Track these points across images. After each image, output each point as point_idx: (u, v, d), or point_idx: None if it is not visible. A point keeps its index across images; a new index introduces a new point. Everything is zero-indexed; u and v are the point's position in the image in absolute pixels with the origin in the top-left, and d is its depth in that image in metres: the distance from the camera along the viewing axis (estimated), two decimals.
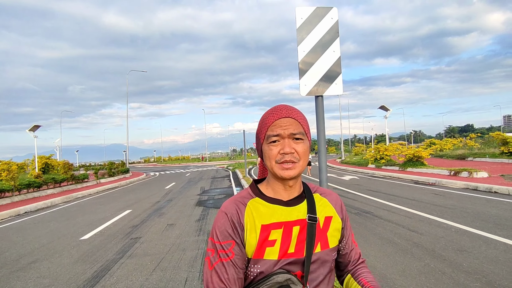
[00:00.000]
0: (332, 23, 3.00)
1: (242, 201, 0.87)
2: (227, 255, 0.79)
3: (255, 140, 0.92)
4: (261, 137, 0.86)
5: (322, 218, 0.87)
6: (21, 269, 4.28)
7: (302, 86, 2.99)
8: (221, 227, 0.82)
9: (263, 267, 0.80)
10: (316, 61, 2.99)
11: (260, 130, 0.87)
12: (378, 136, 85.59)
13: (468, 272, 3.34)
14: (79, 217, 8.13)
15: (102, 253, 4.74)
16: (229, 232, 0.81)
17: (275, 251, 0.80)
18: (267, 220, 0.83)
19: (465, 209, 6.42)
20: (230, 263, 0.79)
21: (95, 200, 11.61)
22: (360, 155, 31.20)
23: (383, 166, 18.34)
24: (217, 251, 0.80)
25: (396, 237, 4.74)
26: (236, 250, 0.80)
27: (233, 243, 0.80)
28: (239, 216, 0.83)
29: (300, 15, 2.98)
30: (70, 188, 15.33)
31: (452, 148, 27.40)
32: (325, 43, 2.99)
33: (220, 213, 0.84)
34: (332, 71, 2.99)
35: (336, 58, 2.99)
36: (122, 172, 23.64)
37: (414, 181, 12.07)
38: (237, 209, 0.84)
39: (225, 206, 0.86)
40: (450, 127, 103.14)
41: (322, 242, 0.85)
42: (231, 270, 0.78)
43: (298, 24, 2.98)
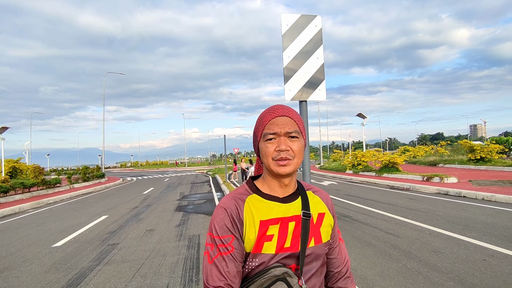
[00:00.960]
0: (316, 30, 3.09)
1: (241, 197, 0.88)
2: (226, 249, 0.81)
3: (252, 138, 0.95)
4: (258, 135, 0.89)
5: (315, 214, 0.92)
6: None
7: (287, 91, 3.05)
8: (221, 222, 0.83)
9: (261, 260, 0.83)
10: (300, 67, 3.07)
11: (257, 128, 0.90)
12: (355, 143, 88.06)
13: (442, 272, 3.51)
14: (51, 223, 7.73)
15: (77, 260, 4.53)
16: (228, 227, 0.82)
17: (273, 246, 0.83)
18: (265, 216, 0.86)
19: (438, 213, 6.73)
20: (230, 257, 0.80)
21: (69, 206, 11.08)
22: (338, 161, 31.93)
23: (360, 172, 18.87)
24: (217, 245, 0.81)
25: (375, 240, 4.89)
26: (235, 245, 0.82)
27: (233, 237, 0.82)
28: (239, 212, 0.85)
29: (285, 21, 3.06)
30: (41, 194, 14.54)
31: (424, 155, 28.70)
32: (309, 50, 3.08)
33: (219, 209, 0.86)
34: (316, 78, 3.08)
35: (319, 64, 3.08)
36: (97, 177, 22.76)
37: (390, 186, 12.50)
38: (236, 205, 0.86)
39: (224, 202, 0.87)
40: (422, 135, 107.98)
41: (315, 237, 0.89)
42: (231, 264, 0.80)
43: (284, 31, 3.05)
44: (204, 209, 8.82)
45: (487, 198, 8.11)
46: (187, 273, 3.82)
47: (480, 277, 3.32)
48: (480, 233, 4.99)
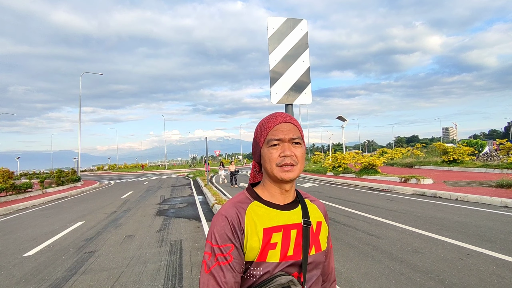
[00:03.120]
0: (302, 34, 3.10)
1: (242, 205, 0.87)
2: (225, 259, 0.79)
3: (252, 144, 0.94)
4: (261, 141, 0.89)
5: (314, 222, 0.92)
6: None
7: (273, 94, 3.03)
8: (221, 230, 0.81)
9: (266, 269, 0.82)
10: (286, 71, 3.07)
11: (259, 135, 0.90)
12: (335, 145, 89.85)
13: (423, 272, 3.60)
14: (21, 231, 7.29)
15: (50, 271, 4.28)
16: (228, 236, 0.81)
17: (277, 254, 0.82)
18: (268, 223, 0.84)
19: (415, 213, 6.95)
20: (228, 267, 0.78)
21: (41, 212, 10.51)
22: (319, 163, 32.42)
23: (340, 174, 19.23)
24: (215, 254, 0.79)
25: (357, 242, 4.96)
26: (234, 254, 0.80)
27: (232, 246, 0.80)
28: (240, 220, 0.83)
29: (271, 24, 3.05)
30: (10, 199, 13.72)
31: (401, 156, 29.69)
32: (295, 53, 3.08)
33: (220, 216, 0.84)
34: (302, 81, 3.08)
35: (305, 68, 3.09)
36: (73, 181, 21.82)
37: (370, 188, 12.80)
38: (237, 213, 0.84)
39: (225, 210, 0.85)
40: (398, 137, 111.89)
41: (316, 245, 0.89)
42: (229, 274, 0.78)
43: (270, 34, 3.04)
44: (185, 213, 8.64)
45: (460, 198, 8.48)
46: (169, 280, 3.70)
47: (458, 276, 3.43)
48: (456, 232, 5.19)
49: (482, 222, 5.79)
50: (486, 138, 76.09)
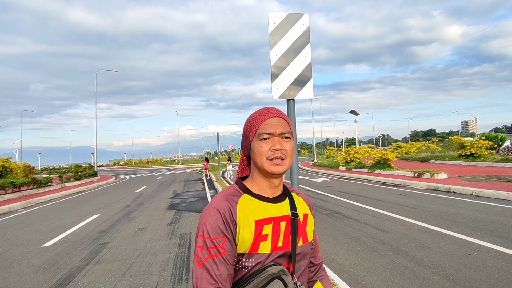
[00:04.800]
0: (303, 29, 3.10)
1: (233, 197, 0.88)
2: (218, 252, 0.79)
3: (242, 138, 0.95)
4: (251, 134, 0.89)
5: (301, 214, 0.95)
6: None
7: (274, 90, 3.06)
8: (213, 223, 0.81)
9: (258, 260, 0.83)
10: (288, 66, 3.08)
11: (249, 128, 0.90)
12: (349, 140, 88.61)
13: (428, 267, 3.57)
14: (41, 223, 7.65)
15: (66, 260, 4.50)
16: (221, 229, 0.81)
17: (268, 245, 0.85)
18: (259, 215, 0.86)
19: (427, 208, 6.84)
20: (222, 260, 0.78)
21: (60, 205, 10.97)
22: (332, 158, 32.14)
23: (353, 169, 19.03)
24: (208, 247, 0.79)
25: (364, 236, 4.95)
26: (227, 247, 0.80)
27: (225, 239, 0.80)
28: (232, 213, 0.84)
29: (273, 20, 3.06)
30: (31, 193, 14.35)
31: (416, 151, 29.03)
32: (296, 48, 3.09)
33: (212, 210, 0.83)
34: (303, 76, 3.09)
35: (307, 63, 3.10)
36: (90, 176, 22.54)
37: (382, 183, 12.64)
38: (229, 206, 0.84)
39: (216, 203, 0.85)
40: (414, 131, 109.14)
41: (303, 236, 0.92)
42: (222, 267, 0.78)
43: (271, 29, 3.06)
44: (196, 207, 8.82)
45: (476, 193, 8.26)
46: (177, 271, 3.83)
47: (464, 271, 3.40)
48: (467, 228, 5.09)
49: (496, 217, 5.65)
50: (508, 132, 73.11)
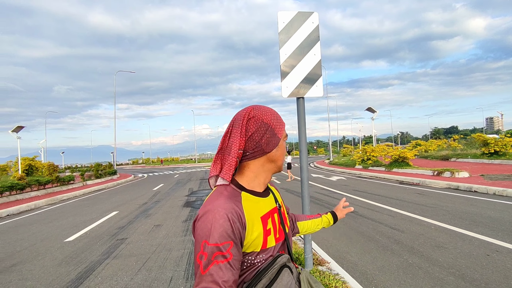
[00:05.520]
0: (313, 27, 3.10)
1: (236, 198, 0.86)
2: (224, 257, 0.75)
3: (265, 133, 0.91)
4: (280, 133, 0.95)
5: (281, 203, 1.04)
6: (2, 271, 4.21)
7: (284, 88, 3.08)
8: (219, 228, 0.76)
9: (268, 254, 0.88)
10: (297, 64, 3.10)
11: (278, 126, 0.94)
12: (366, 138, 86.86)
13: (443, 267, 3.49)
14: (64, 219, 8.01)
15: (87, 255, 4.71)
16: (228, 233, 0.77)
17: (272, 238, 0.89)
18: (262, 211, 0.89)
19: (445, 208, 6.64)
20: (228, 265, 0.75)
21: (81, 202, 11.42)
22: (348, 156, 31.65)
23: (370, 167, 18.68)
24: (213, 253, 0.75)
25: (378, 235, 4.88)
26: (234, 251, 0.77)
27: (232, 243, 0.77)
28: (240, 215, 0.81)
29: (282, 19, 3.08)
30: (55, 190, 15.01)
31: (436, 149, 28.12)
32: (306, 46, 3.10)
33: (217, 213, 0.78)
34: (313, 74, 3.10)
35: (316, 61, 3.10)
36: (110, 174, 23.28)
37: (399, 181, 12.35)
38: (235, 208, 0.82)
39: (221, 205, 0.81)
40: (435, 129, 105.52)
41: (286, 222, 1.00)
42: (229, 273, 0.75)
43: (280, 28, 3.08)
44: None
45: (499, 192, 7.94)
46: (190, 267, 3.93)
47: (481, 271, 3.30)
48: (487, 228, 4.92)
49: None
50: None
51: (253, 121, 0.90)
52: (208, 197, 0.87)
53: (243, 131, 0.89)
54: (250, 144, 0.89)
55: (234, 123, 0.91)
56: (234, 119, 0.92)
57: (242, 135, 0.88)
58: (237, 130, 0.89)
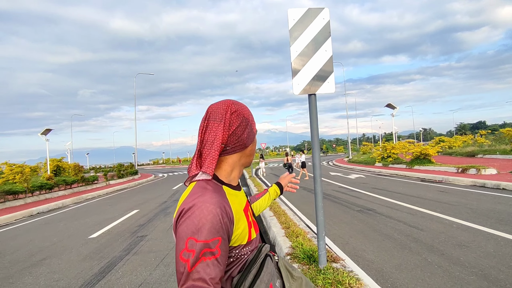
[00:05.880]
0: (323, 23, 3.08)
1: (220, 192, 0.84)
2: (212, 254, 0.73)
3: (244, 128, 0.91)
4: (255, 128, 0.99)
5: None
6: (33, 265, 4.48)
7: (295, 85, 3.08)
8: (208, 224, 0.74)
9: (254, 245, 0.91)
10: (308, 61, 3.09)
11: (254, 122, 0.98)
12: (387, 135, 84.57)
13: (465, 266, 3.37)
14: (88, 217, 8.37)
15: (109, 251, 4.91)
16: (217, 229, 0.74)
17: (253, 230, 0.92)
18: (242, 204, 0.90)
19: (470, 206, 6.38)
20: (216, 262, 0.73)
21: (104, 201, 11.89)
22: (368, 154, 30.97)
23: (390, 165, 18.21)
24: (201, 250, 0.72)
25: (396, 233, 4.77)
26: (222, 247, 0.75)
27: (220, 239, 0.75)
28: (227, 209, 0.80)
29: (292, 16, 3.08)
30: (80, 190, 15.70)
31: (461, 145, 26.98)
32: (317, 43, 3.08)
33: (205, 208, 0.76)
34: (324, 70, 3.08)
35: (328, 57, 3.08)
36: (131, 174, 24.04)
37: (421, 179, 11.97)
38: (223, 202, 0.80)
39: (209, 201, 0.77)
40: (461, 124, 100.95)
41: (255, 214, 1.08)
42: (216, 270, 0.73)
43: (291, 25, 3.08)
44: None
45: None
46: None
47: (507, 272, 3.16)
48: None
49: None
50: None
51: (236, 115, 0.89)
52: (190, 192, 0.82)
53: (226, 125, 0.87)
54: (232, 139, 0.88)
55: (210, 117, 0.88)
56: (210, 112, 0.89)
57: (225, 129, 0.86)
58: (218, 124, 0.86)
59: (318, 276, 2.74)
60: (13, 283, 3.85)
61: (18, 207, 10.67)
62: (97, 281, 3.65)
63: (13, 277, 4.07)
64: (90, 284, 3.58)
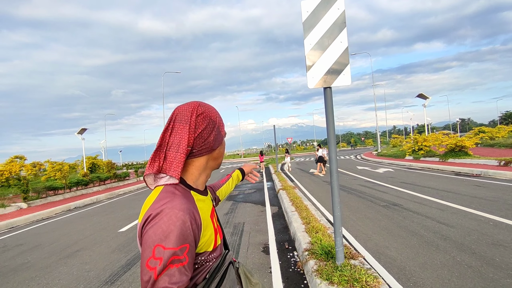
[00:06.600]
0: (338, 13, 2.97)
1: (189, 197, 0.82)
2: (180, 261, 0.71)
3: (212, 130, 0.89)
4: (223, 131, 0.96)
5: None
6: (68, 256, 4.81)
7: (309, 79, 3.01)
8: (176, 230, 0.72)
9: (218, 252, 0.90)
10: (323, 53, 3.00)
11: (222, 124, 0.95)
12: (420, 126, 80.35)
13: (501, 268, 3.13)
14: (119, 211, 8.83)
15: (135, 244, 5.14)
16: (185, 236, 0.73)
17: (218, 236, 0.91)
18: (209, 210, 0.89)
19: (510, 201, 5.92)
20: (183, 269, 0.71)
21: (134, 196, 12.46)
22: (398, 147, 29.69)
23: (421, 158, 17.33)
24: (169, 258, 0.70)
25: (423, 230, 4.54)
26: (190, 254, 0.74)
27: (188, 246, 0.73)
28: (195, 215, 0.78)
29: (305, 8, 3.00)
30: (113, 186, 16.57)
31: (506, 136, 24.97)
32: (331, 35, 2.98)
33: (174, 215, 0.73)
34: (340, 62, 2.97)
35: (343, 48, 2.97)
36: None
37: (456, 173, 11.28)
38: (191, 208, 0.78)
39: (177, 207, 0.75)
40: (507, 113, 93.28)
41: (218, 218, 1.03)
42: (183, 277, 0.71)
43: (304, 18, 3.00)
44: (252, 198, 9.13)
45: None
46: None
47: None
48: None
49: None
50: None
51: (202, 117, 0.87)
52: (157, 196, 0.79)
53: (192, 128, 0.84)
54: (198, 141, 0.86)
55: (176, 118, 0.86)
56: (176, 113, 0.87)
57: (191, 131, 0.84)
58: (183, 126, 0.84)
59: (334, 273, 2.68)
60: (50, 272, 4.16)
61: (58, 202, 11.50)
62: (123, 273, 3.84)
63: (50, 266, 4.40)
64: (117, 275, 3.77)
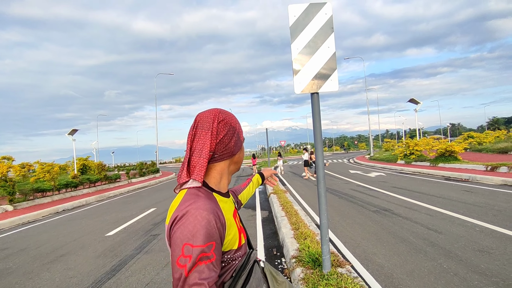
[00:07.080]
0: (326, 18, 2.96)
1: (212, 199, 0.86)
2: (208, 258, 0.75)
3: (232, 136, 0.94)
4: (242, 136, 1.01)
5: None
6: (52, 261, 4.69)
7: (296, 84, 2.99)
8: (203, 229, 0.76)
9: (243, 250, 0.94)
10: (310, 58, 2.98)
11: (241, 130, 1.01)
12: (412, 131, 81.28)
13: (485, 275, 3.14)
14: (108, 215, 8.67)
15: (122, 249, 5.04)
16: (211, 234, 0.77)
17: (242, 235, 0.95)
18: (231, 211, 0.94)
19: (497, 207, 5.97)
20: (211, 266, 0.76)
21: (125, 199, 12.28)
22: (390, 151, 29.94)
23: (413, 162, 17.49)
24: (198, 255, 0.74)
25: (412, 236, 4.54)
26: (217, 252, 0.78)
27: (214, 244, 0.78)
28: (220, 215, 0.83)
29: (292, 13, 2.98)
30: (103, 188, 16.32)
31: (493, 141, 25.38)
32: (319, 40, 2.97)
33: (199, 214, 0.78)
34: (327, 68, 2.96)
35: (330, 54, 2.95)
36: (153, 172, 24.69)
37: (445, 177, 11.40)
38: (215, 208, 0.83)
39: (202, 207, 0.80)
40: (494, 119, 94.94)
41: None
42: (212, 273, 0.75)
43: (291, 22, 2.98)
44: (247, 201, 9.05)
45: None
46: None
47: None
48: None
49: None
50: None
51: (223, 124, 0.92)
52: (182, 199, 0.84)
53: (214, 134, 0.90)
54: (220, 147, 0.91)
55: (198, 125, 0.91)
56: (198, 120, 0.93)
57: (213, 137, 0.89)
58: (206, 132, 0.89)
59: (320, 282, 2.65)
60: (31, 279, 4.04)
61: (46, 204, 11.26)
62: (107, 279, 3.75)
63: (32, 272, 4.28)
64: (100, 282, 3.68)
